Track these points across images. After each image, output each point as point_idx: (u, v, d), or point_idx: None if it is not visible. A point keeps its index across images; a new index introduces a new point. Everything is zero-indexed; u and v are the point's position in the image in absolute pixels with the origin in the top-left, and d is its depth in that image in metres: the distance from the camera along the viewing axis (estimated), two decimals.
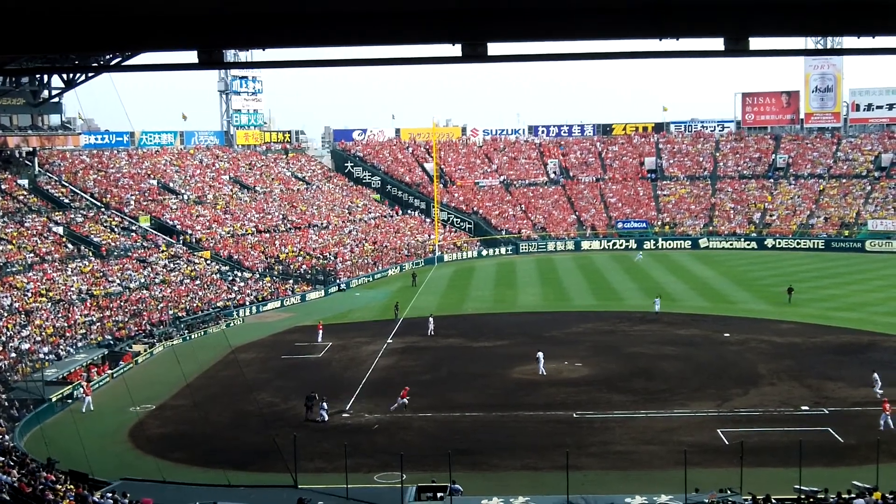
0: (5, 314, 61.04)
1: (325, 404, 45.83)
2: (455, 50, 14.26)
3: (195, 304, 74.34)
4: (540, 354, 53.40)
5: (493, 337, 64.09)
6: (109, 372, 56.66)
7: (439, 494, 31.15)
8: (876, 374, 47.01)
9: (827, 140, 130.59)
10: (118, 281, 74.12)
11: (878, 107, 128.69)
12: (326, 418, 45.24)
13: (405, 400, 46.54)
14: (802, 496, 30.42)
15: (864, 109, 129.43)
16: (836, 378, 49.95)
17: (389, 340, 63.45)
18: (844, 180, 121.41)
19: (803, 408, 44.80)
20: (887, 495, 29.00)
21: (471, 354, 59.51)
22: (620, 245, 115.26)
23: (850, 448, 38.87)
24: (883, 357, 54.96)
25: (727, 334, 61.98)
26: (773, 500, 29.67)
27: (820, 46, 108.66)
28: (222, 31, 14.45)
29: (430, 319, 66.58)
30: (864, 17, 14.38)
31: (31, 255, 73.43)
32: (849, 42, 16.63)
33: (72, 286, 69.94)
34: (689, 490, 29.98)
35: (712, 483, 31.16)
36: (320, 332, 64.87)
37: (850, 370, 51.75)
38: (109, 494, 30.45)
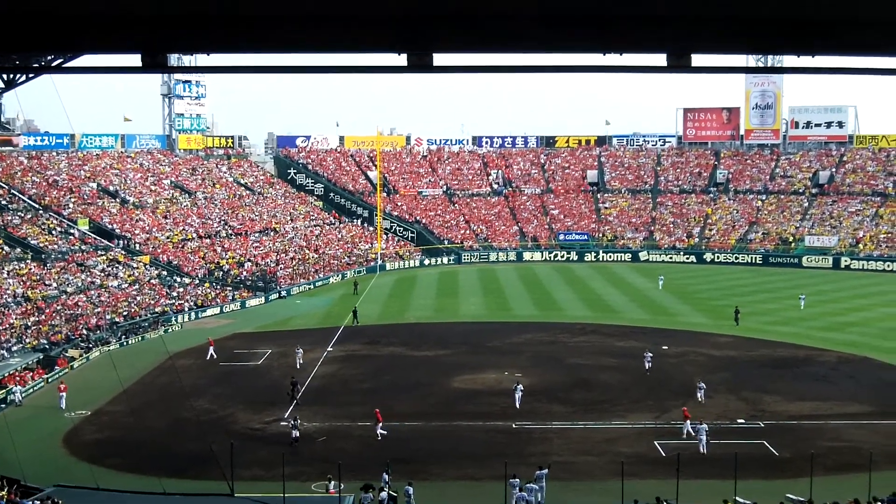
0: None
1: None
2: (401, 60, 14.28)
3: (133, 310, 73.45)
4: (519, 387, 49.01)
5: (435, 346, 64.05)
6: (44, 377, 55.83)
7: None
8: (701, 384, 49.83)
9: (766, 156, 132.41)
10: (55, 284, 73.05)
11: (817, 125, 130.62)
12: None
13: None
14: None
15: (803, 127, 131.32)
16: (772, 391, 50.61)
17: (330, 348, 63.11)
18: (783, 196, 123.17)
19: (739, 421, 45.35)
20: None
21: (412, 363, 59.43)
22: (562, 257, 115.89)
23: (785, 461, 39.37)
24: (818, 371, 55.79)
25: (665, 347, 62.42)
26: None
27: (761, 64, 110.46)
28: (166, 34, 14.35)
29: (299, 350, 59.94)
30: (804, 36, 14.61)
31: None
32: (789, 61, 16.94)
33: (7, 289, 68.79)
34: (627, 501, 30.20)
35: (649, 494, 31.41)
36: (211, 348, 62.19)
37: (785, 384, 52.48)
38: (41, 501, 29.98)
